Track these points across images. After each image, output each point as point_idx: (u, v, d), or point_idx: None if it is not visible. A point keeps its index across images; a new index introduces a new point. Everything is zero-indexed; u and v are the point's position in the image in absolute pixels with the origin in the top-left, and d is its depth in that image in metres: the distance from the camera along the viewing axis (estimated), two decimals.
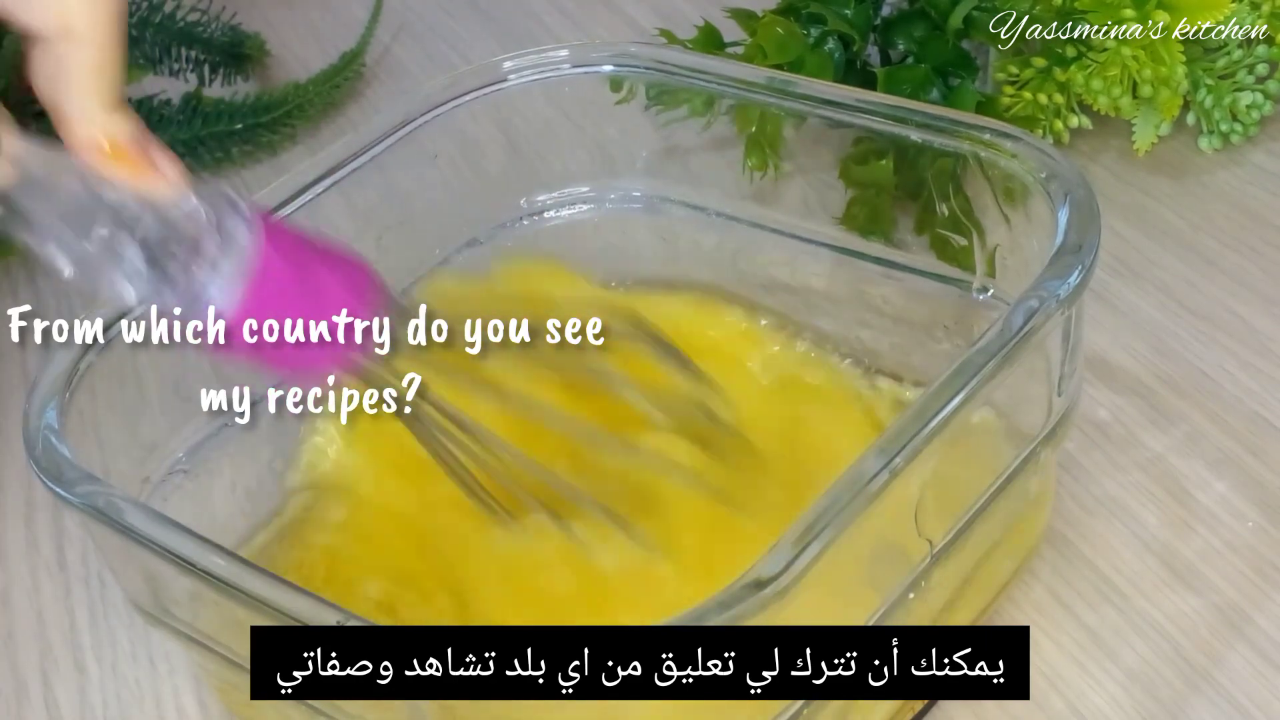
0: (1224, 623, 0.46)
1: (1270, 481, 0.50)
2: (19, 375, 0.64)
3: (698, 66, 0.52)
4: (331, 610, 0.35)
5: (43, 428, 0.42)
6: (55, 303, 0.68)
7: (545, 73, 0.54)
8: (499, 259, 0.54)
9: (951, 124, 0.46)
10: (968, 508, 0.41)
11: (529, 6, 0.84)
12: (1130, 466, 0.51)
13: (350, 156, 0.51)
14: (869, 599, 0.39)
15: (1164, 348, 0.55)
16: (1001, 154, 0.45)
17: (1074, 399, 0.44)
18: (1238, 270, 0.58)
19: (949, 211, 0.48)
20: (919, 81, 0.60)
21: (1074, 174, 0.43)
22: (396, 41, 0.83)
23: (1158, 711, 0.43)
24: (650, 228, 0.56)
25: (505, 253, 0.55)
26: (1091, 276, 0.41)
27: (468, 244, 0.55)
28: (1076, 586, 0.47)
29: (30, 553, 0.56)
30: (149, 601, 0.43)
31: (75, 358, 0.44)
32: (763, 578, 0.34)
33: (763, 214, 0.54)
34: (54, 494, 0.41)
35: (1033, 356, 0.41)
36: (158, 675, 0.50)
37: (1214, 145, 0.63)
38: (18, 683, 0.51)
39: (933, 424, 0.37)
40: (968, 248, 0.48)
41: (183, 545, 0.38)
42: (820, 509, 0.35)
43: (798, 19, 0.62)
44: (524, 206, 0.56)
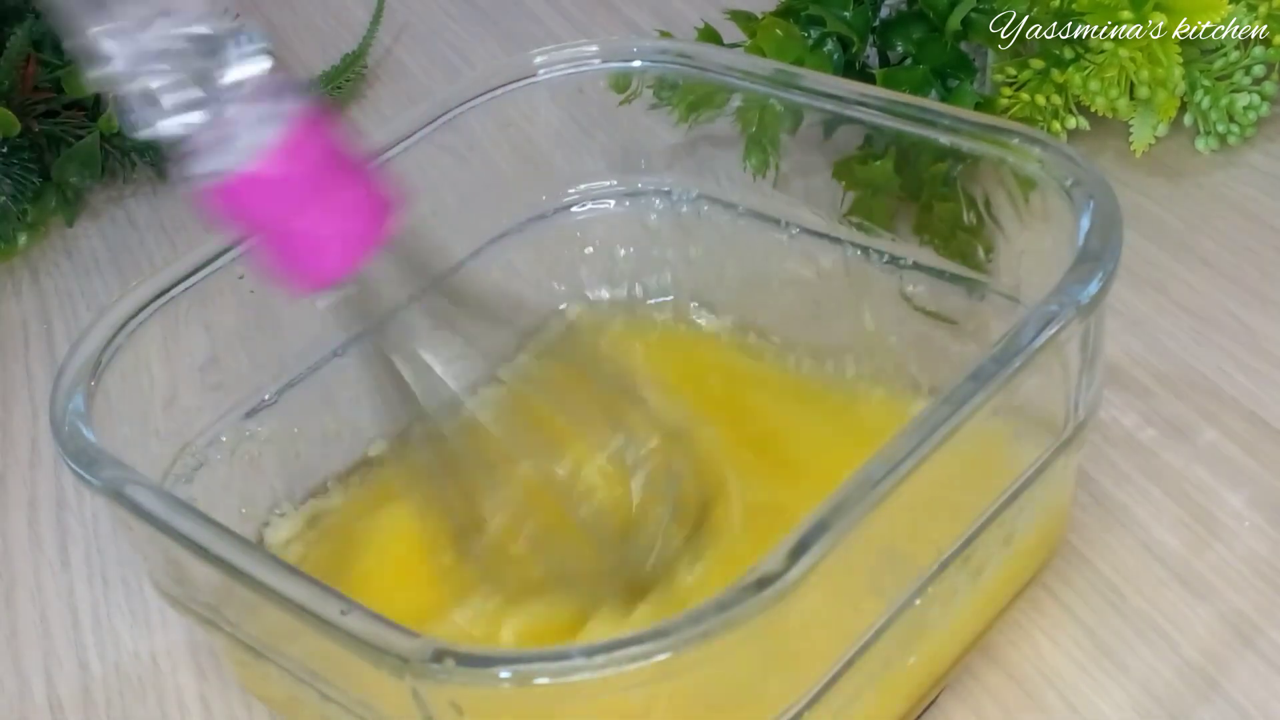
0: (1227, 627, 0.46)
1: (1269, 483, 0.50)
2: (23, 375, 0.64)
3: (731, 63, 0.53)
4: (337, 600, 0.36)
5: (69, 412, 0.43)
6: (59, 302, 0.68)
7: (576, 67, 0.54)
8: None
9: (978, 127, 0.46)
10: (978, 516, 0.41)
11: (530, 8, 0.84)
12: (1126, 465, 0.51)
13: (383, 149, 0.52)
14: (873, 604, 0.39)
15: (1160, 348, 0.55)
16: (1027, 158, 0.45)
17: (1093, 408, 0.44)
18: (1235, 271, 0.58)
19: (970, 214, 0.48)
20: (917, 83, 0.61)
21: (1097, 178, 0.43)
22: (398, 43, 0.83)
23: (1164, 718, 0.44)
24: (676, 223, 0.56)
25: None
26: (1112, 283, 0.41)
27: (500, 236, 0.56)
28: (1075, 586, 0.47)
29: (33, 551, 0.56)
30: (170, 584, 0.43)
31: (102, 343, 0.45)
32: (764, 578, 0.34)
33: (786, 210, 0.54)
34: (79, 478, 0.41)
35: (1050, 363, 0.41)
36: (161, 673, 0.51)
37: (1211, 146, 0.63)
38: (21, 681, 0.51)
39: (944, 429, 0.37)
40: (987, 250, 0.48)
41: (198, 532, 0.39)
42: (825, 511, 0.35)
43: (797, 21, 0.63)
44: (554, 200, 0.57)
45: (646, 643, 0.33)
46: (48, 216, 0.72)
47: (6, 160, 0.69)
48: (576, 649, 0.33)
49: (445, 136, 0.53)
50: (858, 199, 0.53)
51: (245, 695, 0.49)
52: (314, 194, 0.37)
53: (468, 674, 0.34)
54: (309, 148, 0.37)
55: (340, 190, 0.38)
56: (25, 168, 0.70)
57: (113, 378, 0.45)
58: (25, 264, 0.71)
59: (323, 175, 0.38)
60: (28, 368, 0.65)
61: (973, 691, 0.45)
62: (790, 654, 0.37)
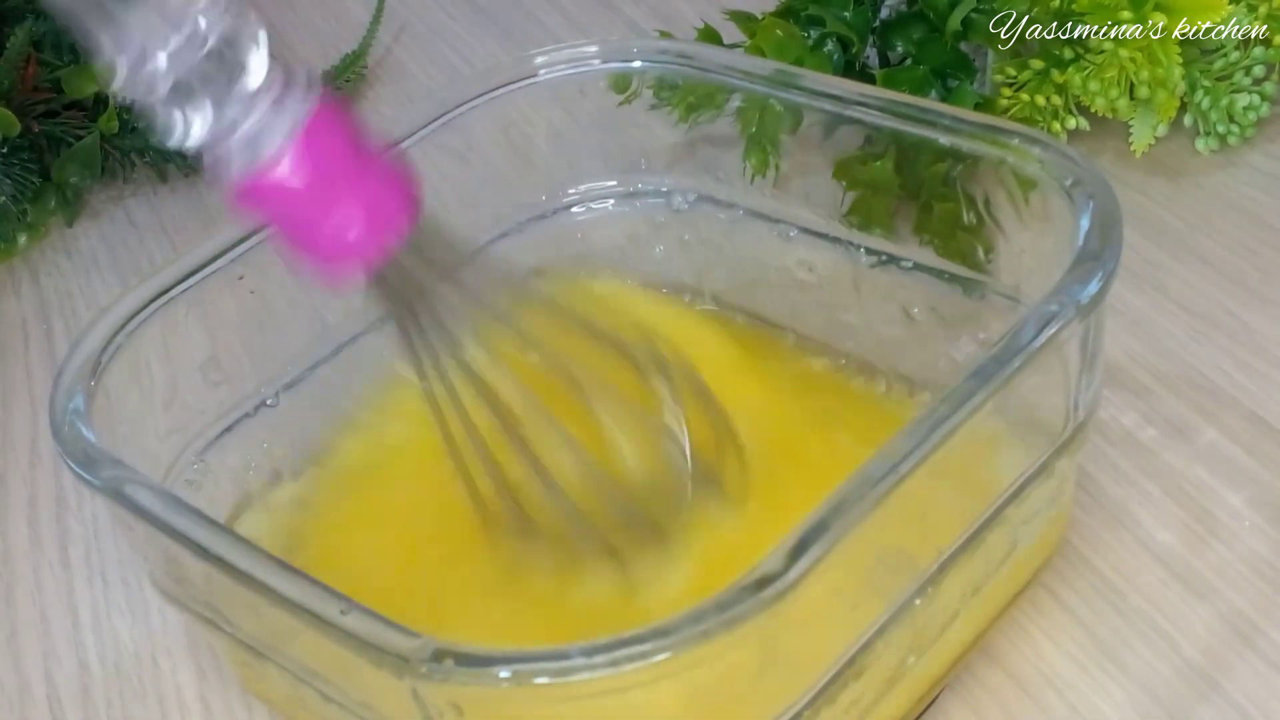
0: (1227, 627, 0.46)
1: (1269, 483, 0.50)
2: (22, 374, 0.64)
3: (731, 64, 0.53)
4: (337, 600, 0.36)
5: (69, 412, 0.43)
6: (59, 302, 0.68)
7: (576, 68, 0.54)
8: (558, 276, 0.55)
9: (978, 127, 0.46)
10: (978, 516, 0.41)
11: (530, 8, 0.84)
12: (1126, 465, 0.51)
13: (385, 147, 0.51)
14: (873, 604, 0.39)
15: (1160, 347, 0.55)
16: (1027, 158, 0.45)
17: (1093, 408, 0.44)
18: (1234, 270, 0.58)
19: (969, 214, 0.48)
20: (917, 83, 0.61)
21: (1098, 178, 0.43)
22: (398, 43, 0.84)
23: (1163, 718, 0.44)
24: (676, 222, 0.56)
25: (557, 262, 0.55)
26: (1112, 284, 0.41)
27: (500, 236, 0.56)
28: (1075, 586, 0.47)
29: (33, 551, 0.56)
30: (170, 584, 0.43)
31: (102, 343, 0.45)
32: (764, 578, 0.34)
33: (786, 210, 0.54)
34: (79, 478, 0.41)
35: (1050, 363, 0.41)
36: (161, 674, 0.51)
37: (1211, 147, 0.63)
38: (21, 681, 0.51)
39: (944, 429, 0.37)
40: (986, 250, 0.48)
41: (198, 531, 0.39)
42: (825, 511, 0.35)
43: (797, 21, 0.63)
44: (554, 201, 0.57)
45: (646, 642, 0.33)
46: (48, 216, 0.72)
47: (6, 160, 0.69)
48: (576, 649, 0.33)
49: (445, 136, 0.53)
50: (858, 199, 0.53)
51: (245, 695, 0.49)
52: (336, 185, 0.38)
53: (468, 674, 0.34)
54: (327, 140, 0.38)
55: (361, 179, 0.39)
56: (25, 168, 0.70)
57: (113, 378, 0.45)
58: (25, 264, 0.71)
59: (343, 166, 0.38)
60: (28, 368, 0.65)
61: (973, 691, 0.45)
62: (790, 654, 0.37)
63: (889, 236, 0.51)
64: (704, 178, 0.56)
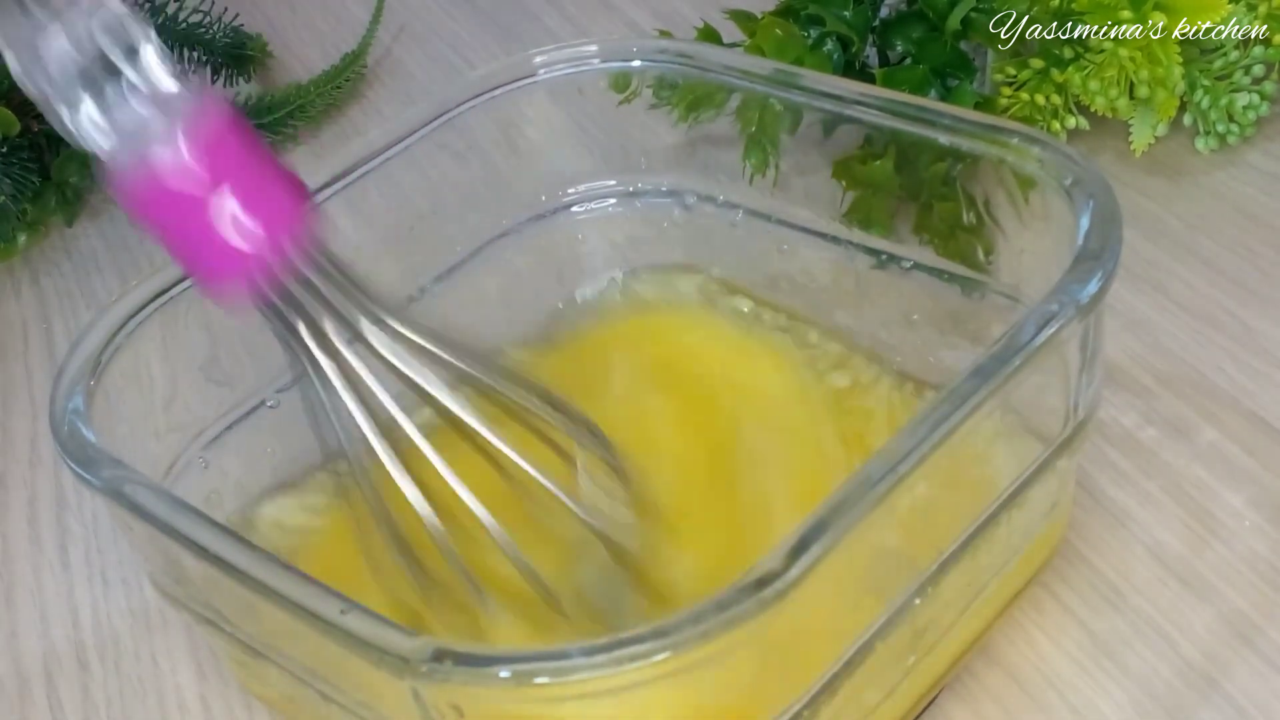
0: (1227, 627, 0.46)
1: (1269, 483, 0.50)
2: (22, 374, 0.64)
3: (730, 63, 0.53)
4: (337, 600, 0.36)
5: (69, 412, 0.43)
6: (59, 302, 0.68)
7: (576, 67, 0.54)
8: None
9: (977, 127, 0.46)
10: (978, 516, 0.41)
11: (529, 8, 0.84)
12: (1126, 465, 0.51)
13: (385, 146, 0.52)
14: (873, 604, 0.39)
15: (1160, 347, 0.55)
16: (1027, 158, 0.45)
17: (1092, 408, 0.44)
18: (1234, 270, 0.58)
19: (969, 213, 0.48)
20: (917, 83, 0.61)
21: (1097, 177, 0.43)
22: (397, 43, 0.84)
23: (1163, 718, 0.44)
24: (676, 222, 0.56)
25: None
26: (1112, 284, 0.40)
27: (500, 236, 0.56)
28: (1075, 586, 0.47)
29: (33, 552, 0.56)
30: (170, 584, 0.43)
31: (102, 342, 0.45)
32: (764, 577, 0.34)
33: (786, 210, 0.54)
34: (79, 478, 0.41)
35: (1049, 363, 0.41)
36: (160, 673, 0.51)
37: (1210, 146, 0.63)
38: (21, 681, 0.51)
39: (943, 429, 0.37)
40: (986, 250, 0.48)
41: (198, 531, 0.39)
42: (825, 511, 0.35)
43: (796, 20, 0.63)
44: (554, 200, 0.57)
45: (646, 642, 0.33)
46: (48, 216, 0.72)
47: (6, 160, 0.69)
48: (576, 648, 0.33)
49: (445, 136, 0.53)
50: (858, 199, 0.53)
51: (245, 695, 0.49)
52: (220, 190, 0.37)
53: (467, 674, 0.34)
54: (213, 144, 0.37)
55: (247, 185, 0.38)
56: (25, 167, 0.70)
57: (112, 377, 0.45)
58: (25, 264, 0.71)
59: (228, 171, 0.37)
60: (28, 368, 0.65)
61: (973, 691, 0.45)
62: (790, 653, 0.37)
63: (889, 236, 0.51)
64: (704, 178, 0.56)
